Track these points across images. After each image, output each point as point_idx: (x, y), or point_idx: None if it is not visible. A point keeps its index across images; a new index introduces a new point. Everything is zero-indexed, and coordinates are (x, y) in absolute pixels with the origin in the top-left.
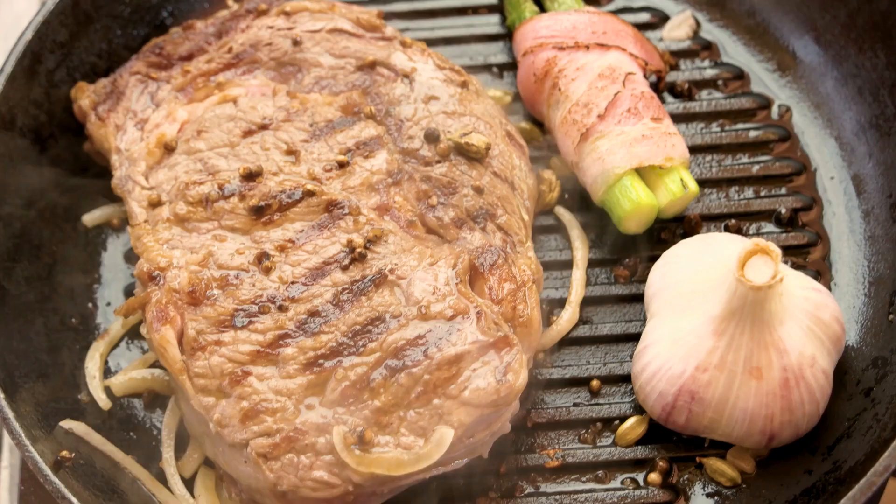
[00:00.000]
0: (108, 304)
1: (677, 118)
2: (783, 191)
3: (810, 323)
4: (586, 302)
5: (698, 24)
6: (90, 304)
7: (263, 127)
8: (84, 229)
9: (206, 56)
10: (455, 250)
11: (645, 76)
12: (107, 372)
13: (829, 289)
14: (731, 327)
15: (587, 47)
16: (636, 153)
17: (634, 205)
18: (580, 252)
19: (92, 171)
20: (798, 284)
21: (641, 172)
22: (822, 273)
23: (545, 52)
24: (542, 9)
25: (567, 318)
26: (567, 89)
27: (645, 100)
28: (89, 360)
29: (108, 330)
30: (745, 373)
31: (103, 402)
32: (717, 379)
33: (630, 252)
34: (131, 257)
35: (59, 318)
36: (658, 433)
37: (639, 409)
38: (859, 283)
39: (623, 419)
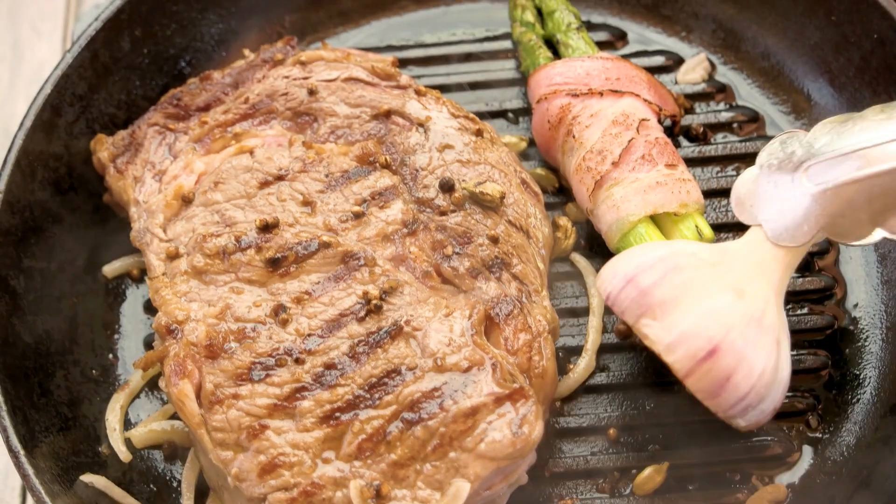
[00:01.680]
0: (129, 356)
1: (692, 162)
2: None
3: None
4: (603, 349)
5: (713, 66)
6: (111, 356)
7: (280, 178)
8: (104, 280)
9: (223, 106)
10: (470, 301)
11: (659, 121)
12: (127, 423)
13: (846, 333)
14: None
15: (601, 94)
16: (651, 200)
17: None
18: (596, 299)
19: (112, 223)
20: None
21: (656, 219)
22: (838, 318)
23: (559, 98)
24: (556, 54)
25: (583, 366)
26: (581, 136)
27: (659, 146)
28: (110, 413)
29: (129, 381)
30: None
31: (124, 454)
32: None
33: None
34: (151, 308)
35: (80, 370)
36: (676, 482)
37: (657, 459)
38: (876, 329)
39: (641, 468)
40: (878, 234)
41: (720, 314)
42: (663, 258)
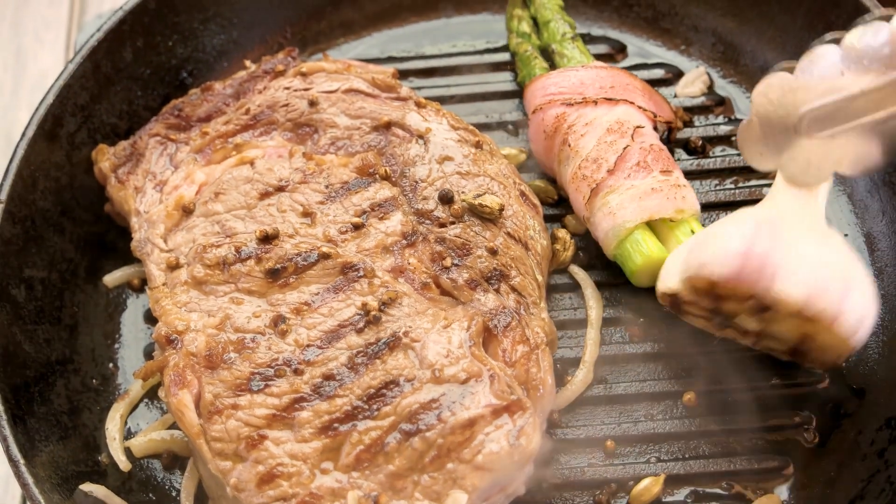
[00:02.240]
0: (129, 365)
1: (691, 175)
2: None
3: None
4: (600, 361)
5: (712, 80)
6: (111, 365)
7: (280, 189)
8: (105, 290)
9: (225, 117)
10: (469, 312)
11: (655, 128)
12: (127, 433)
13: None
14: None
15: (595, 102)
16: (646, 206)
17: (646, 258)
18: (594, 311)
19: (113, 233)
20: None
21: (653, 225)
22: None
23: (554, 108)
24: (553, 64)
25: (581, 378)
26: (576, 145)
27: (654, 153)
28: (109, 422)
29: (129, 391)
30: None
31: (123, 463)
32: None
33: (644, 310)
34: (151, 318)
35: (81, 379)
36: (672, 494)
37: (653, 470)
38: (872, 342)
39: (637, 480)
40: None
41: (832, 256)
42: (759, 222)
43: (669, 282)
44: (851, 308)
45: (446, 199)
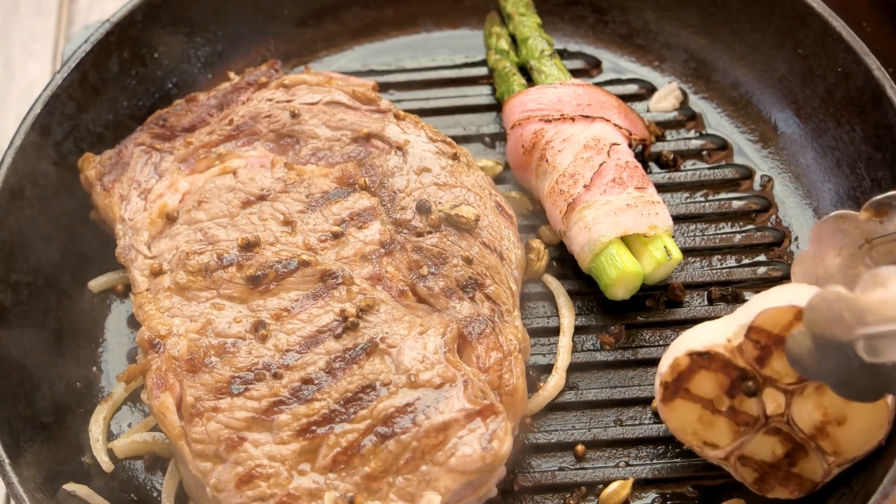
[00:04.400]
0: (113, 368)
1: (663, 188)
2: (764, 259)
3: None
4: (572, 368)
5: (685, 95)
6: (94, 368)
7: (262, 198)
8: (90, 295)
9: (208, 128)
10: (444, 319)
11: (630, 145)
12: (110, 435)
13: None
14: None
15: (573, 119)
16: (621, 222)
17: (620, 272)
18: (567, 319)
19: (97, 239)
20: None
21: (627, 240)
22: None
23: (532, 124)
24: (530, 80)
25: (553, 384)
26: (554, 160)
27: (629, 169)
28: (93, 424)
29: (112, 393)
30: None
31: (106, 464)
32: None
33: (615, 319)
34: (135, 322)
35: (65, 382)
36: (640, 497)
37: (621, 474)
38: None
39: (607, 483)
40: None
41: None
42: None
43: (727, 331)
44: None
45: (423, 209)
